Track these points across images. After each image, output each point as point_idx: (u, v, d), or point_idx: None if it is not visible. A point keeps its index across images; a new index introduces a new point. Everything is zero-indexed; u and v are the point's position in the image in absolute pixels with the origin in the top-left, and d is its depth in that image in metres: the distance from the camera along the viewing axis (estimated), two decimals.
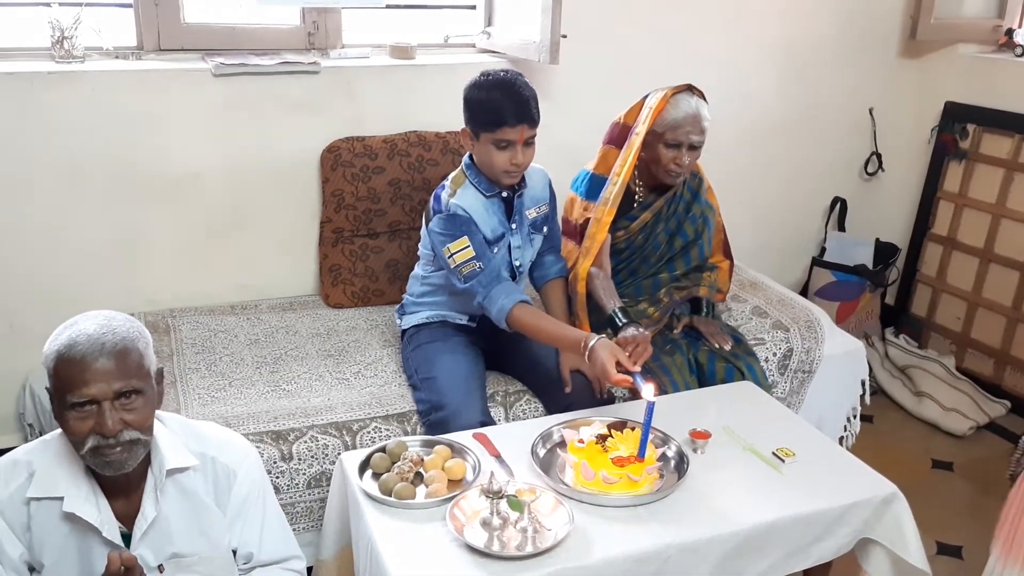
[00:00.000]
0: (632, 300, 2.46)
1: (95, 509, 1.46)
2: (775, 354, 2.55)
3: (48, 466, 1.46)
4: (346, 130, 2.72)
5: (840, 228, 3.63)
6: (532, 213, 2.30)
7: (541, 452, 1.83)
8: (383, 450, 1.80)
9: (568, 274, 2.43)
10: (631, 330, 2.17)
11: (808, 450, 1.88)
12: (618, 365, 1.90)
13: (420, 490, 1.71)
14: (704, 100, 2.35)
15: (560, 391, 2.16)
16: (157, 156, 2.55)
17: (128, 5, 2.58)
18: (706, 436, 1.88)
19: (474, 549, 1.54)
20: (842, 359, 2.61)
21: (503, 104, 2.07)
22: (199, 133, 2.58)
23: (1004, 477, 2.20)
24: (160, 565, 1.51)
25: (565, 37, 2.65)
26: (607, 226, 2.35)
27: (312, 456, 2.04)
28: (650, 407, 1.74)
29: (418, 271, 2.38)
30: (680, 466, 1.79)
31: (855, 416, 2.70)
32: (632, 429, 1.85)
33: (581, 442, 1.79)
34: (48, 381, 1.40)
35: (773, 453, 1.86)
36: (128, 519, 1.49)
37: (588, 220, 2.41)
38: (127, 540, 1.49)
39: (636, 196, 2.45)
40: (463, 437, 1.90)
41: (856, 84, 3.48)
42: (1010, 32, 3.41)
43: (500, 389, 2.27)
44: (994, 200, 3.37)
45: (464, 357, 2.22)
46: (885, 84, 3.53)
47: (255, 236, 2.74)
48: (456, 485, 1.72)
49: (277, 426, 2.07)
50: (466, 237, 2.11)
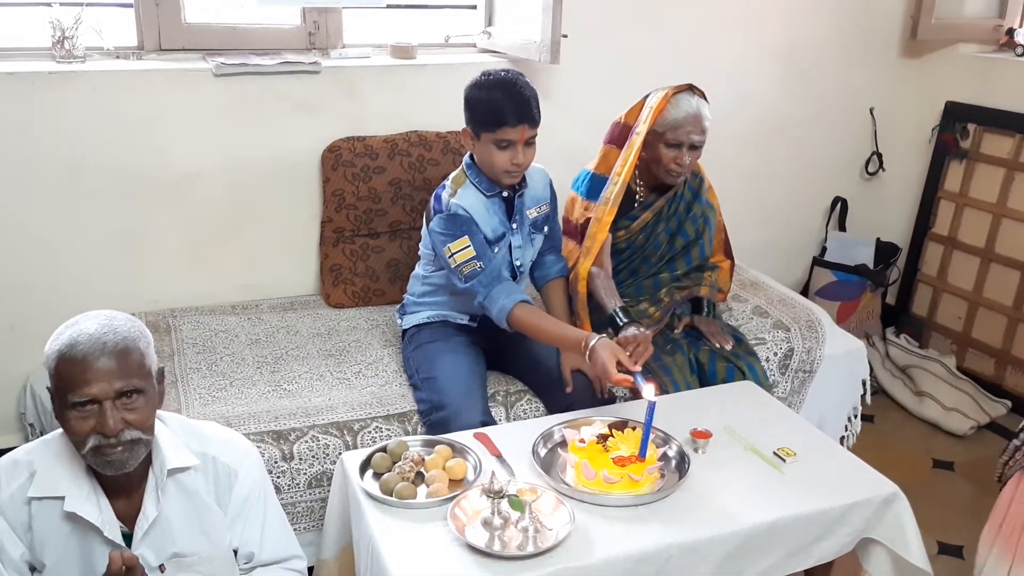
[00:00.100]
0: (633, 300, 2.46)
1: (96, 509, 1.46)
2: (776, 354, 2.54)
3: (49, 466, 1.46)
4: (347, 130, 2.72)
5: (841, 228, 3.62)
6: (533, 213, 2.30)
7: (542, 452, 1.83)
8: (384, 450, 1.81)
9: (569, 274, 2.43)
10: (632, 330, 2.17)
11: (809, 450, 1.88)
12: (619, 365, 1.90)
13: (421, 490, 1.71)
14: (705, 100, 2.34)
15: (561, 391, 2.16)
16: (158, 156, 2.55)
17: (129, 5, 2.58)
18: (707, 436, 1.88)
19: (475, 549, 1.54)
20: (843, 359, 2.61)
21: (504, 104, 2.07)
22: (200, 133, 2.58)
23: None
24: (161, 565, 1.51)
25: (566, 37, 2.65)
26: (608, 226, 2.35)
27: (313, 456, 2.04)
28: (651, 407, 1.74)
29: (419, 271, 2.38)
30: (681, 466, 1.79)
31: (856, 416, 2.70)
32: (633, 429, 1.85)
33: (582, 442, 1.79)
34: (49, 381, 1.40)
35: (774, 453, 1.86)
36: (129, 519, 1.49)
37: (589, 220, 2.40)
38: (128, 540, 1.49)
39: (637, 196, 2.45)
40: (464, 437, 1.90)
41: (857, 84, 3.48)
42: (1011, 32, 3.41)
43: (501, 389, 2.27)
44: (995, 200, 3.37)
45: (465, 357, 2.22)
46: (886, 84, 3.53)
47: (256, 236, 2.74)
48: (457, 485, 1.72)
49: (278, 426, 2.07)
50: (467, 237, 2.11)
